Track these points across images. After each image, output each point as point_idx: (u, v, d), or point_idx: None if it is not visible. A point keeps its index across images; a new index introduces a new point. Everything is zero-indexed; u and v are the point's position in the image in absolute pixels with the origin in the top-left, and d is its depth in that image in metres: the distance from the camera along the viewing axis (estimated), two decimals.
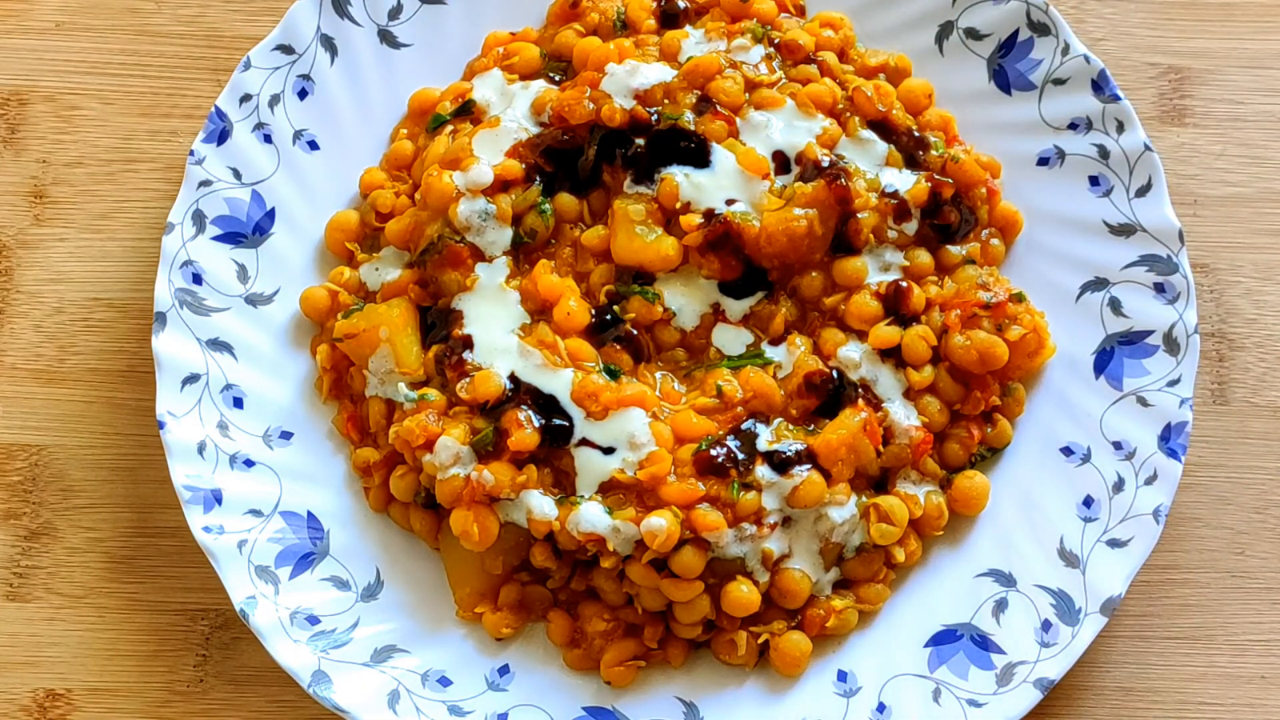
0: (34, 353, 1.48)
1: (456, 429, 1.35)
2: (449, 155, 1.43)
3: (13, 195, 1.53)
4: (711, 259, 1.39)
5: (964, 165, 1.44)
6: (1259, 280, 1.50)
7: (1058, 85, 1.46)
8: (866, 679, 1.35)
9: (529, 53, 1.48)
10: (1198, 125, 1.55)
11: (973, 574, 1.38)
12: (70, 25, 1.58)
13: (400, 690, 1.34)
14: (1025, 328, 1.39)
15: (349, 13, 1.49)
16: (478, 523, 1.33)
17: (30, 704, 1.39)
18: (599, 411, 1.35)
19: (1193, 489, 1.44)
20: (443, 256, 1.41)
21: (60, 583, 1.42)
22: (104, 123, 1.55)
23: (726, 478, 1.33)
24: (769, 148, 1.42)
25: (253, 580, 1.35)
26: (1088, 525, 1.36)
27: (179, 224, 1.43)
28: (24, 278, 1.50)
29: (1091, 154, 1.45)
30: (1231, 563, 1.43)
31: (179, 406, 1.39)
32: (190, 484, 1.36)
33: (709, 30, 1.48)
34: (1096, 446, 1.38)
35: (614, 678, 1.35)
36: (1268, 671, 1.40)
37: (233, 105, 1.46)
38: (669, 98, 1.43)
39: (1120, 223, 1.43)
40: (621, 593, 1.36)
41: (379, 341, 1.40)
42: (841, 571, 1.38)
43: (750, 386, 1.37)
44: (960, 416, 1.41)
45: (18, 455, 1.45)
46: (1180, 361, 1.38)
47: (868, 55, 1.50)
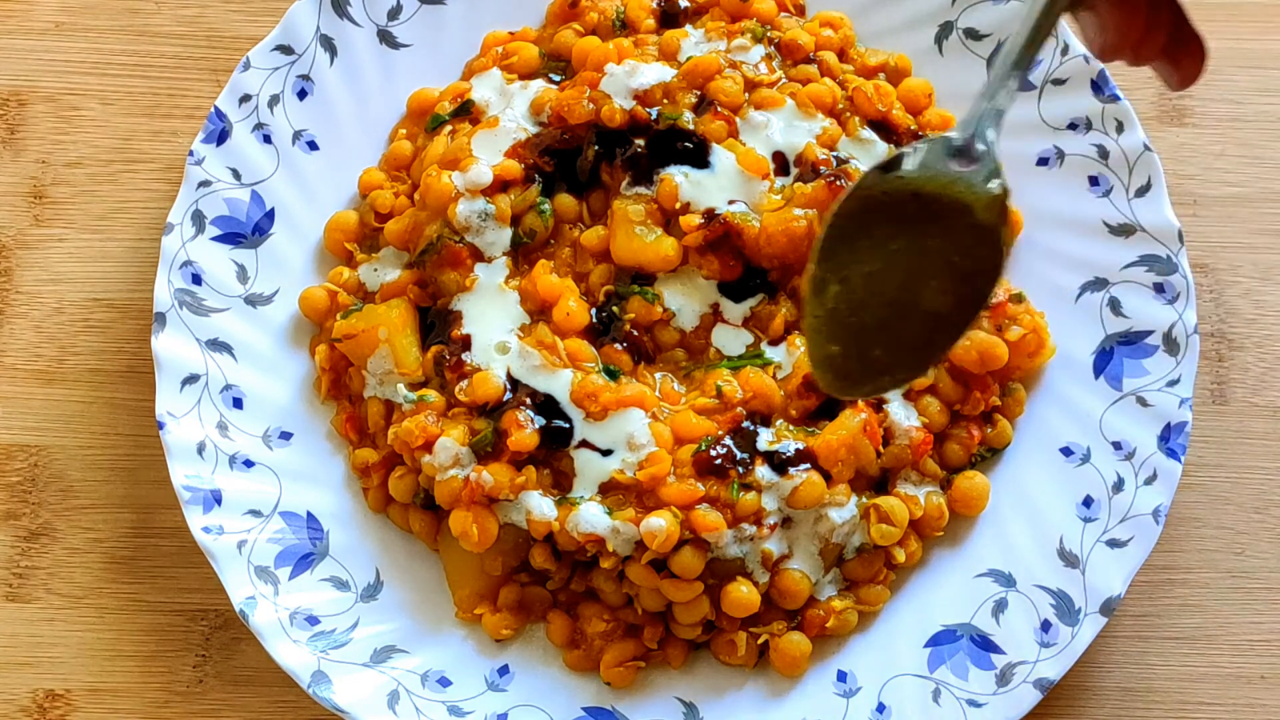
0: (34, 353, 1.48)
1: (455, 430, 1.35)
2: (448, 155, 1.43)
3: (12, 195, 1.53)
4: (711, 259, 1.39)
5: None
6: (1259, 280, 1.50)
7: (1057, 85, 1.46)
8: (866, 679, 1.35)
9: (528, 52, 1.48)
10: (1197, 125, 1.55)
11: (973, 574, 1.38)
12: (70, 25, 1.58)
13: (400, 690, 1.34)
14: (1025, 328, 1.39)
15: (349, 13, 1.49)
16: (477, 524, 1.33)
17: (30, 704, 1.39)
18: (598, 412, 1.35)
19: (1192, 489, 1.44)
20: (442, 257, 1.41)
21: (60, 583, 1.42)
22: (104, 123, 1.55)
23: (726, 478, 1.33)
24: (769, 148, 1.42)
25: (252, 581, 1.35)
26: (1087, 525, 1.36)
27: (178, 224, 1.43)
28: (24, 278, 1.50)
29: (1091, 154, 1.45)
30: (1231, 563, 1.43)
31: (179, 407, 1.39)
32: (190, 484, 1.36)
33: (709, 30, 1.48)
34: (1096, 446, 1.38)
35: (614, 678, 1.35)
36: (1267, 671, 1.40)
37: (232, 105, 1.46)
38: (668, 98, 1.43)
39: (1120, 223, 1.43)
40: (621, 593, 1.36)
41: (378, 342, 1.40)
42: (841, 572, 1.38)
43: (750, 387, 1.37)
44: (960, 417, 1.41)
45: (17, 455, 1.45)
46: (1180, 361, 1.38)
47: (868, 55, 1.50)
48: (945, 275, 1.13)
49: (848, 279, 1.14)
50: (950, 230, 1.13)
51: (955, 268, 1.13)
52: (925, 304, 1.13)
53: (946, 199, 1.13)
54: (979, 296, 1.13)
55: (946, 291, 1.13)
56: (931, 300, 1.13)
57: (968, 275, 1.13)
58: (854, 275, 1.14)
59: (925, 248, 1.13)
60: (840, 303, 1.14)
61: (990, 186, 1.13)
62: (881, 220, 1.14)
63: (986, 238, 1.13)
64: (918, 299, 1.13)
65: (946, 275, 1.13)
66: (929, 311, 1.13)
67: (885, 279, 1.14)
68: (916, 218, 1.13)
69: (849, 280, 1.14)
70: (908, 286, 1.13)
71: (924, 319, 1.13)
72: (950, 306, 1.13)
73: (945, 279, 1.13)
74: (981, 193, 1.13)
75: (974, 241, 1.13)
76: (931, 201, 1.13)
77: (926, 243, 1.13)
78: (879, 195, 1.14)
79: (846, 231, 1.14)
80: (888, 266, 1.14)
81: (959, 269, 1.13)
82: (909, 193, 1.14)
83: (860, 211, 1.14)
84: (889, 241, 1.14)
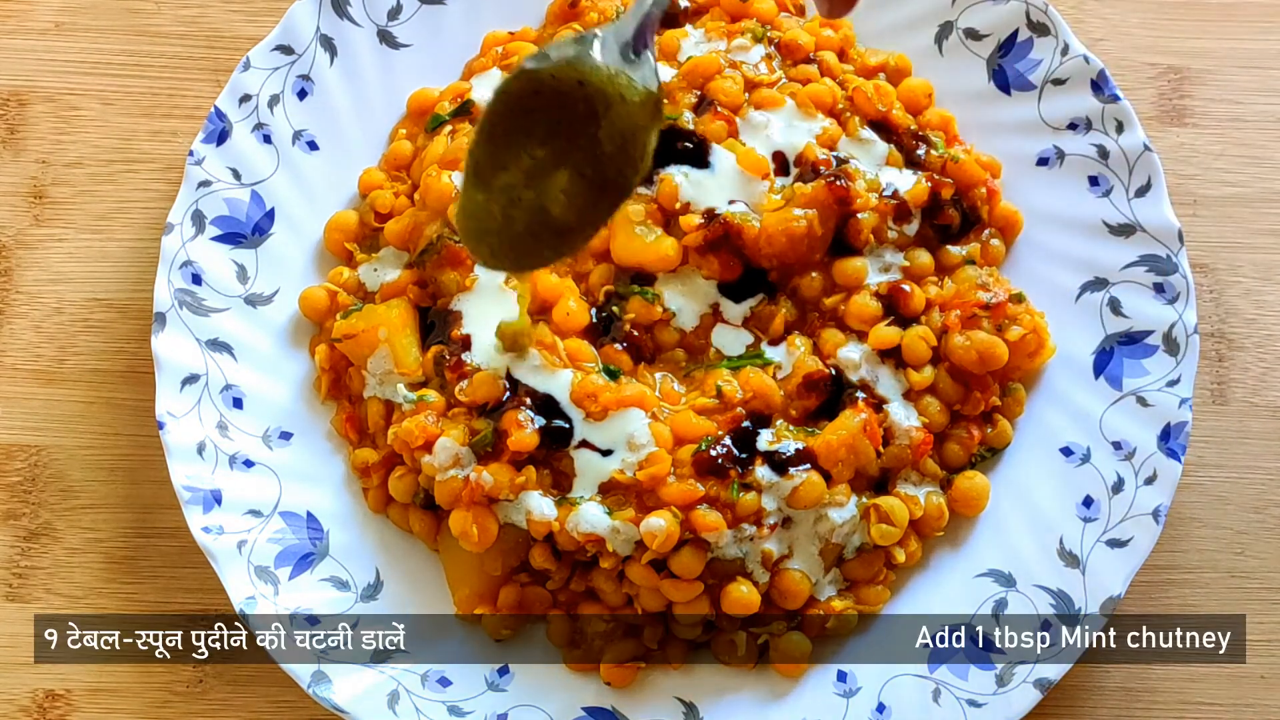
0: (33, 353, 1.48)
1: (455, 430, 1.35)
2: (448, 155, 1.43)
3: (12, 195, 1.53)
4: (711, 259, 1.39)
5: (964, 165, 1.44)
6: (1259, 280, 1.50)
7: (1057, 85, 1.46)
8: (866, 679, 1.35)
9: (528, 52, 1.48)
10: (1197, 125, 1.55)
11: (973, 574, 1.38)
12: (70, 25, 1.58)
13: (400, 690, 1.34)
14: (1025, 328, 1.39)
15: (349, 13, 1.49)
16: (477, 524, 1.33)
17: (30, 704, 1.39)
18: (598, 412, 1.35)
19: (1192, 489, 1.44)
20: (441, 257, 1.41)
21: (60, 583, 1.42)
22: (104, 123, 1.55)
23: (726, 478, 1.33)
24: (769, 148, 1.42)
25: (252, 580, 1.35)
26: (1087, 525, 1.36)
27: (178, 224, 1.43)
28: (24, 278, 1.50)
29: (1091, 154, 1.45)
30: (1231, 563, 1.43)
31: (178, 407, 1.39)
32: (190, 484, 1.36)
33: (709, 30, 1.48)
34: (1096, 446, 1.38)
35: (614, 678, 1.35)
36: (1267, 672, 1.40)
37: (232, 105, 1.46)
38: (668, 98, 1.43)
39: (1120, 223, 1.43)
40: (621, 593, 1.36)
41: (378, 342, 1.40)
42: (841, 572, 1.38)
43: (750, 387, 1.37)
44: (960, 417, 1.41)
45: (17, 455, 1.45)
46: (1180, 361, 1.38)
47: (867, 55, 1.50)
48: (577, 185, 1.17)
49: (504, 182, 1.18)
50: (599, 132, 1.17)
51: (588, 179, 1.17)
52: (554, 215, 1.18)
53: (610, 92, 1.17)
54: (607, 209, 1.19)
55: (574, 202, 1.18)
56: (560, 211, 1.18)
57: (600, 185, 1.18)
58: (506, 178, 1.18)
59: (567, 154, 1.17)
60: (494, 203, 1.19)
61: (649, 84, 1.17)
62: (541, 112, 1.17)
63: (634, 140, 1.17)
64: (549, 208, 1.18)
65: (578, 185, 1.17)
66: (558, 220, 1.18)
67: (528, 184, 1.18)
68: (575, 112, 1.17)
69: (506, 181, 1.18)
70: (543, 193, 1.18)
71: (554, 227, 1.19)
72: (573, 220, 1.19)
73: (576, 188, 1.17)
74: (640, 89, 1.17)
75: (618, 147, 1.17)
76: (594, 93, 1.16)
77: (571, 150, 1.17)
78: (547, 78, 1.17)
79: (508, 122, 1.17)
80: (530, 175, 1.18)
81: (591, 180, 1.17)
82: (575, 80, 1.16)
83: (529, 94, 1.17)
84: (537, 146, 1.17)
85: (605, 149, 1.17)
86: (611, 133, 1.17)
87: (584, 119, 1.17)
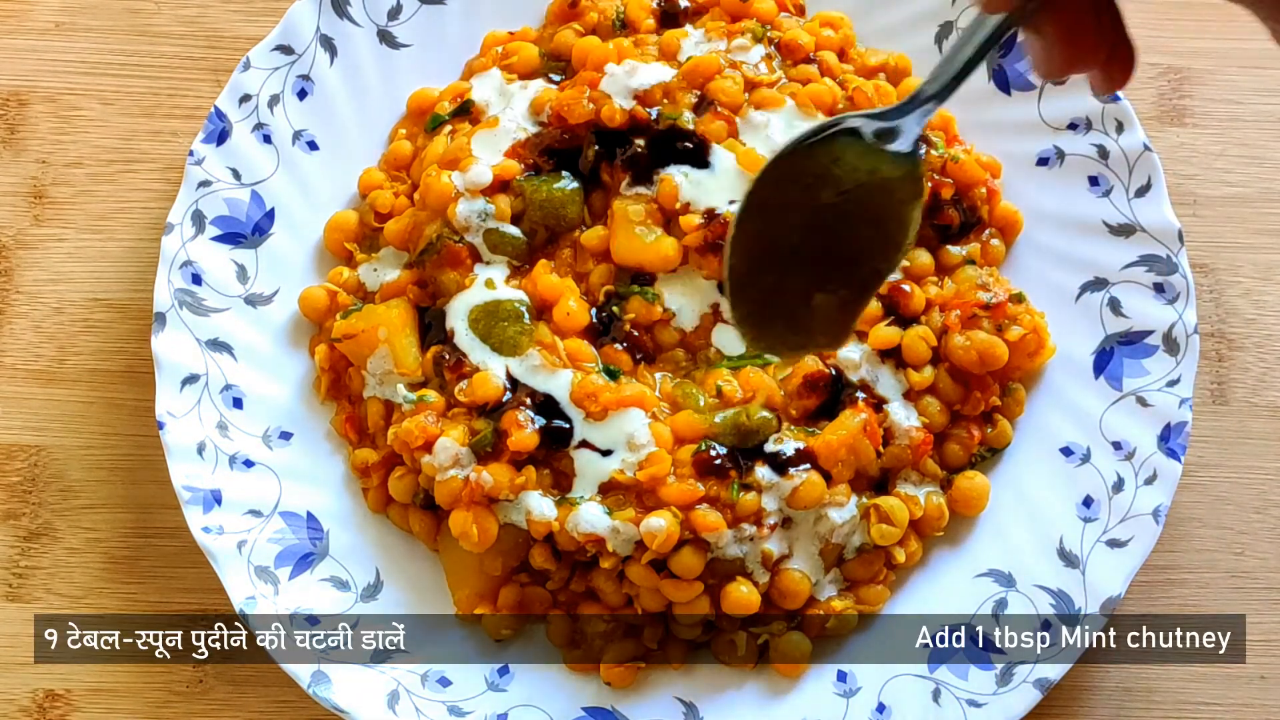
0: (33, 353, 1.48)
1: (455, 430, 1.35)
2: (448, 155, 1.43)
3: (12, 195, 1.53)
4: (711, 259, 1.39)
5: (964, 165, 1.44)
6: (1259, 280, 1.50)
7: (1057, 85, 1.46)
8: (866, 679, 1.35)
9: (528, 52, 1.48)
10: (1197, 125, 1.55)
11: (973, 574, 1.38)
12: (70, 26, 1.58)
13: (400, 690, 1.34)
14: (1025, 328, 1.39)
15: (348, 13, 1.49)
16: (477, 524, 1.33)
17: (30, 704, 1.39)
18: (598, 412, 1.35)
19: (1192, 489, 1.44)
20: (441, 257, 1.41)
21: (60, 583, 1.42)
22: (104, 123, 1.55)
23: (726, 478, 1.33)
24: (769, 148, 1.42)
25: (252, 580, 1.35)
26: (1087, 525, 1.36)
27: (178, 224, 1.43)
28: (24, 278, 1.50)
29: (1091, 154, 1.44)
30: (1231, 563, 1.43)
31: (178, 407, 1.39)
32: (190, 484, 1.36)
33: (709, 30, 1.48)
34: (1096, 446, 1.38)
35: (614, 678, 1.35)
36: (1268, 671, 1.40)
37: (232, 105, 1.46)
38: (668, 98, 1.43)
39: (1120, 223, 1.43)
40: (621, 593, 1.36)
41: (377, 342, 1.40)
42: (841, 572, 1.38)
43: (750, 386, 1.37)
44: (960, 417, 1.41)
45: (17, 456, 1.45)
46: (1180, 361, 1.38)
47: (868, 55, 1.50)
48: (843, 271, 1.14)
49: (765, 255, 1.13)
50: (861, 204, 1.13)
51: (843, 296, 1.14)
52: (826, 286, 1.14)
53: (867, 185, 1.13)
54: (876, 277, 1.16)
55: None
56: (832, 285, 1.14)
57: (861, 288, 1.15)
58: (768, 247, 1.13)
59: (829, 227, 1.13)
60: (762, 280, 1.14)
61: (908, 156, 1.12)
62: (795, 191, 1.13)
63: (896, 215, 1.13)
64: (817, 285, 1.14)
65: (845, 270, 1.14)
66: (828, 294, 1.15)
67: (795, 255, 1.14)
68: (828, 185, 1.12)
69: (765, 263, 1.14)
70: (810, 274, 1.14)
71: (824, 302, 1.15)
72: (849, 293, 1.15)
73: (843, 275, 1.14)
74: (901, 165, 1.12)
75: (880, 223, 1.13)
76: (854, 188, 1.12)
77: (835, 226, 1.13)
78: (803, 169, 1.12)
79: (770, 197, 1.13)
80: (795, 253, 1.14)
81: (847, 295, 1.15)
82: (832, 174, 1.12)
83: (785, 180, 1.13)
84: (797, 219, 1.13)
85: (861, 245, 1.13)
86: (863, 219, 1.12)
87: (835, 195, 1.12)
